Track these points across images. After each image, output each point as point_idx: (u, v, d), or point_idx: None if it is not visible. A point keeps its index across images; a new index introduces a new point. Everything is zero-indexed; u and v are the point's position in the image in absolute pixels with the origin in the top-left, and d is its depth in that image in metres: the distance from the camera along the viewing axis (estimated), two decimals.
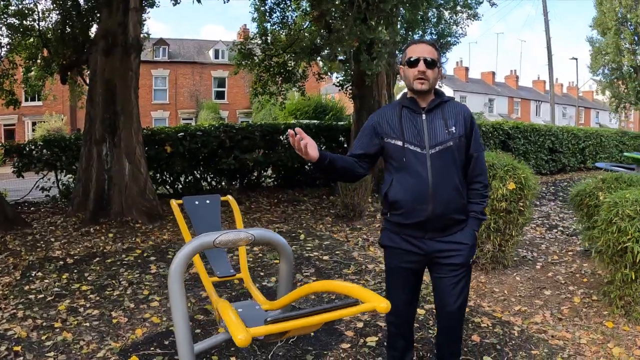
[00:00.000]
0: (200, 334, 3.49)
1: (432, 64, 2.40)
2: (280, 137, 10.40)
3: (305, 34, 10.58)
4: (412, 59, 2.40)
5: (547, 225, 7.53)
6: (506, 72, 54.47)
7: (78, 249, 5.95)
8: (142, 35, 7.91)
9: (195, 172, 9.52)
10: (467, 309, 2.87)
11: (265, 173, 10.95)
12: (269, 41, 10.57)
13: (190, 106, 33.01)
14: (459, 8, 10.92)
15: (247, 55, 10.68)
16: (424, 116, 2.44)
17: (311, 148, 2.24)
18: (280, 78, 11.20)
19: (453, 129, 2.42)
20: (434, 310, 3.14)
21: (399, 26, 9.95)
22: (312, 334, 3.44)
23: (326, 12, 8.15)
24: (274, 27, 10.71)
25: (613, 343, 3.53)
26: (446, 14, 10.95)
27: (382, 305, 1.82)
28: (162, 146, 8.70)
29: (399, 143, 2.41)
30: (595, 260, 4.40)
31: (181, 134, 8.97)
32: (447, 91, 37.34)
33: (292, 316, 1.71)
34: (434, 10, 10.26)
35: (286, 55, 10.78)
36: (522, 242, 6.03)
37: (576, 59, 42.33)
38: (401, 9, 9.23)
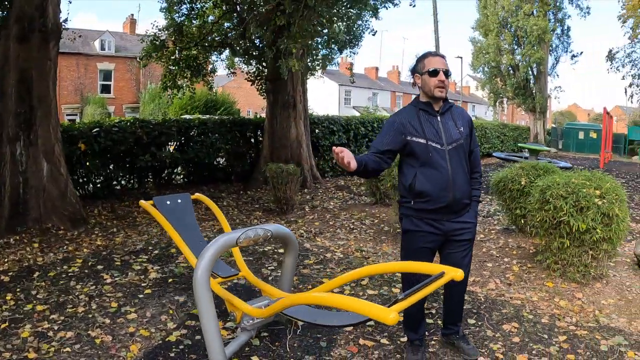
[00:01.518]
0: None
1: (449, 74, 2.86)
2: (194, 132, 10.24)
3: (214, 27, 10.44)
4: (432, 70, 2.82)
5: None
6: (389, 67, 57.27)
7: (7, 264, 5.31)
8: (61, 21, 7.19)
9: (108, 170, 9.00)
10: None
11: (176, 170, 10.68)
12: (183, 32, 10.24)
13: (74, 101, 30.20)
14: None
15: (159, 47, 10.27)
16: (439, 118, 2.89)
17: (352, 160, 2.53)
18: (189, 72, 10.93)
19: (462, 129, 2.91)
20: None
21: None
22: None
23: (280, 8, 8.12)
24: (182, 19, 10.39)
25: (558, 298, 4.25)
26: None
27: (458, 273, 2.11)
28: (75, 144, 8.13)
29: (423, 141, 2.82)
30: (532, 234, 5.09)
31: (96, 130, 8.43)
32: (333, 86, 38.42)
33: (413, 291, 1.92)
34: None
35: (197, 48, 10.54)
36: None
37: (461, 57, 45.81)
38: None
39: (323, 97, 36.87)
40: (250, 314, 2.79)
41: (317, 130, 12.21)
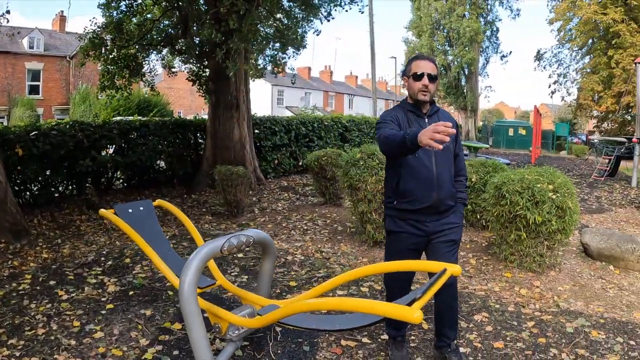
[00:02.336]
0: None
1: (434, 78, 2.87)
2: (135, 134, 9.89)
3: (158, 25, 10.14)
4: (417, 73, 2.83)
5: None
6: (321, 67, 57.62)
7: None
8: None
9: (46, 176, 8.49)
10: None
11: (117, 174, 10.26)
12: (122, 31, 9.85)
13: (1, 103, 27.96)
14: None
15: (98, 45, 9.81)
16: (426, 120, 2.92)
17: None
18: (128, 72, 10.54)
19: None
20: None
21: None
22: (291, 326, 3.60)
23: (234, 9, 7.94)
24: (120, 16, 9.99)
25: (518, 287, 4.51)
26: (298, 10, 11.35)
27: (455, 269, 2.18)
28: (12, 148, 7.62)
29: None
30: (483, 228, 5.31)
31: (34, 133, 7.93)
32: (266, 86, 38.20)
33: (427, 289, 1.95)
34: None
35: (135, 47, 10.18)
36: None
37: (395, 57, 46.99)
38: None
39: (256, 97, 36.47)
40: (245, 324, 2.71)
41: (258, 131, 12.11)
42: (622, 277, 4.96)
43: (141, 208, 4.16)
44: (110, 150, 9.72)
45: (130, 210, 4.06)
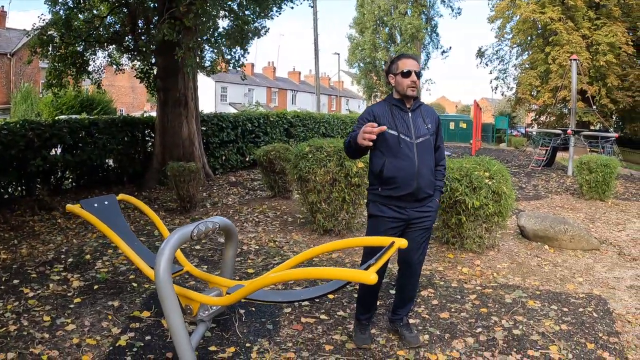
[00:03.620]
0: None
1: (420, 75, 3.18)
2: (84, 133, 9.82)
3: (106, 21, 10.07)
4: (405, 71, 3.11)
5: None
6: (264, 63, 57.43)
7: None
8: None
9: None
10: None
11: (66, 174, 10.16)
12: (70, 27, 9.72)
13: None
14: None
15: (46, 42, 9.64)
16: (410, 114, 3.20)
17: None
18: (75, 69, 10.42)
19: (429, 125, 3.23)
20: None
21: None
22: (253, 308, 3.88)
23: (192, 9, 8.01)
24: (68, 12, 9.85)
25: (460, 266, 4.95)
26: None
27: (402, 242, 2.52)
28: None
29: (395, 133, 3.11)
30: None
31: None
32: (209, 82, 37.81)
33: (379, 257, 2.26)
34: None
35: (83, 44, 10.07)
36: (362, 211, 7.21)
37: (338, 54, 47.42)
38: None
39: (200, 94, 35.97)
40: (216, 303, 2.93)
41: (206, 128, 12.21)
42: (556, 255, 5.50)
43: (106, 202, 4.29)
44: (60, 150, 9.62)
45: (95, 205, 4.18)
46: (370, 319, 3.47)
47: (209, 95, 39.02)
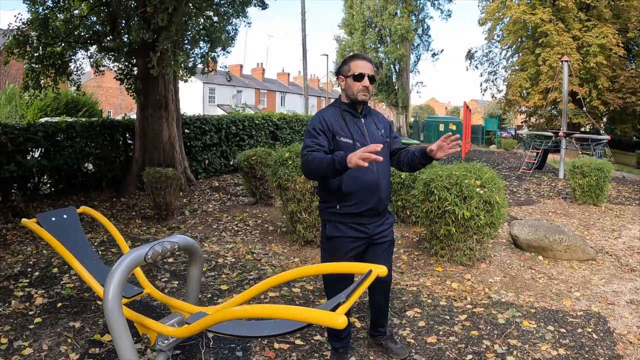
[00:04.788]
0: None
1: (373, 79, 2.86)
2: (62, 136, 9.48)
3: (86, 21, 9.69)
4: (357, 74, 2.80)
5: None
6: (253, 65, 57.03)
7: None
8: None
9: None
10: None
11: (43, 179, 9.81)
12: (48, 27, 9.34)
13: None
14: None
15: (22, 42, 9.25)
16: (362, 120, 2.90)
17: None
18: (54, 70, 10.04)
19: (383, 131, 2.95)
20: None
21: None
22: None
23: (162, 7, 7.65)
24: (47, 12, 9.48)
25: (449, 281, 4.63)
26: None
27: (380, 270, 2.19)
28: None
29: (350, 141, 2.77)
30: (413, 223, 5.44)
31: None
32: (197, 84, 37.48)
33: (351, 293, 1.94)
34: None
35: (62, 45, 9.70)
36: None
37: (327, 55, 47.20)
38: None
39: (187, 96, 35.59)
40: (173, 334, 2.63)
41: (188, 131, 11.84)
42: (551, 267, 5.21)
43: (65, 216, 3.98)
44: (36, 154, 9.28)
45: (53, 219, 3.87)
46: (347, 346, 3.17)
47: (197, 97, 38.63)
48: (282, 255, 5.61)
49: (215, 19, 9.88)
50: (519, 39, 28.44)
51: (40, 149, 9.19)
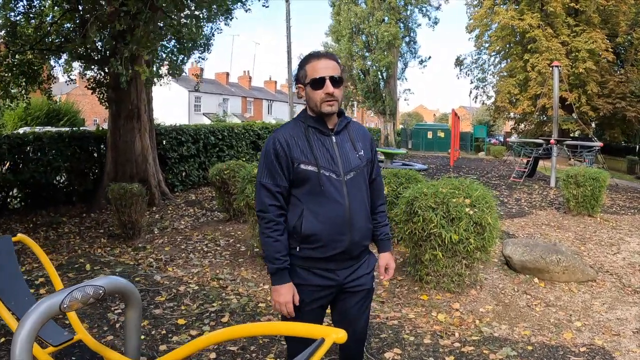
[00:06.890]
0: None
1: (339, 81, 2.13)
2: (29, 148, 8.96)
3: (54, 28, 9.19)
4: (317, 78, 2.11)
5: None
6: (240, 72, 56.58)
7: None
8: None
9: None
10: None
11: (12, 193, 9.28)
12: (16, 34, 8.82)
13: None
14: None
15: None
16: (334, 139, 2.18)
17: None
18: (24, 79, 9.50)
19: (362, 152, 2.24)
20: None
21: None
22: None
23: (123, 10, 7.15)
24: (18, 17, 8.97)
25: (435, 311, 4.10)
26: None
27: (340, 335, 1.64)
28: None
29: (314, 169, 2.11)
30: (404, 244, 4.91)
31: None
32: (182, 92, 36.87)
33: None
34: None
35: (33, 52, 9.18)
36: None
37: None
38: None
39: (171, 104, 35.01)
40: None
41: (164, 142, 11.29)
42: (548, 291, 4.74)
43: None
44: (3, 168, 8.78)
45: None
46: None
47: (183, 106, 38.03)
48: (251, 282, 5.07)
49: (186, 21, 9.42)
50: (507, 45, 28.22)
51: (5, 162, 8.70)
